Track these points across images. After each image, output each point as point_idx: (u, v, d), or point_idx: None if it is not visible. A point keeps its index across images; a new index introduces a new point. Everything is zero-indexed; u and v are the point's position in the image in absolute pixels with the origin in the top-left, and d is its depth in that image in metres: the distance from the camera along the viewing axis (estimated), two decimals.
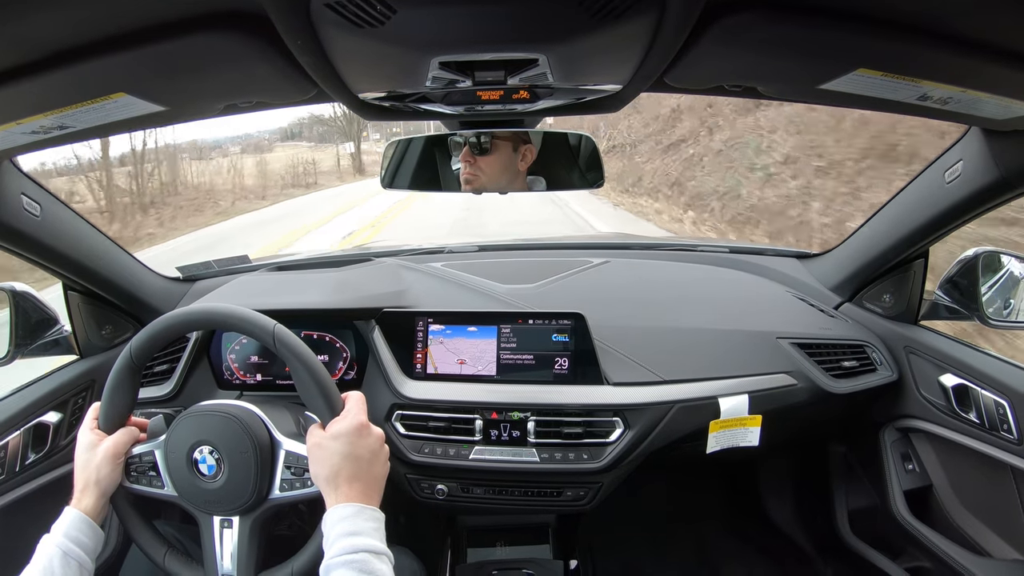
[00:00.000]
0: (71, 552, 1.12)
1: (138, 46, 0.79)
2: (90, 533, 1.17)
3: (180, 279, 2.20)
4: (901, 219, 1.73)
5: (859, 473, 2.15)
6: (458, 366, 1.79)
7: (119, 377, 1.26)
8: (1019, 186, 1.37)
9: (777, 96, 1.21)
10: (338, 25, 0.75)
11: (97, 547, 1.19)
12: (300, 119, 56.14)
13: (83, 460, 1.23)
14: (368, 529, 1.08)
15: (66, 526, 1.15)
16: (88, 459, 1.22)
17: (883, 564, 1.99)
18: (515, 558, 2.09)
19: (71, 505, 1.19)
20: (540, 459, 1.69)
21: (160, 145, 23.10)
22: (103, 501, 1.22)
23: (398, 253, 2.35)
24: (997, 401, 1.57)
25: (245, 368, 1.89)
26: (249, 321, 1.25)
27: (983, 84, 0.97)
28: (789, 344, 1.83)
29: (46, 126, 1.03)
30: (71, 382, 1.78)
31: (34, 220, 1.50)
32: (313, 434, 1.18)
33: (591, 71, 0.99)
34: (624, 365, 1.76)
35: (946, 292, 1.76)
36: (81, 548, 1.14)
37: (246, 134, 54.97)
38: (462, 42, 0.84)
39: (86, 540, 1.16)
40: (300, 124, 56.98)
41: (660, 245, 2.53)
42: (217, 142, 52.64)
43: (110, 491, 1.24)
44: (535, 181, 1.58)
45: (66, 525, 1.15)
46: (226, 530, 1.26)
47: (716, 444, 1.74)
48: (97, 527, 1.19)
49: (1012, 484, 1.60)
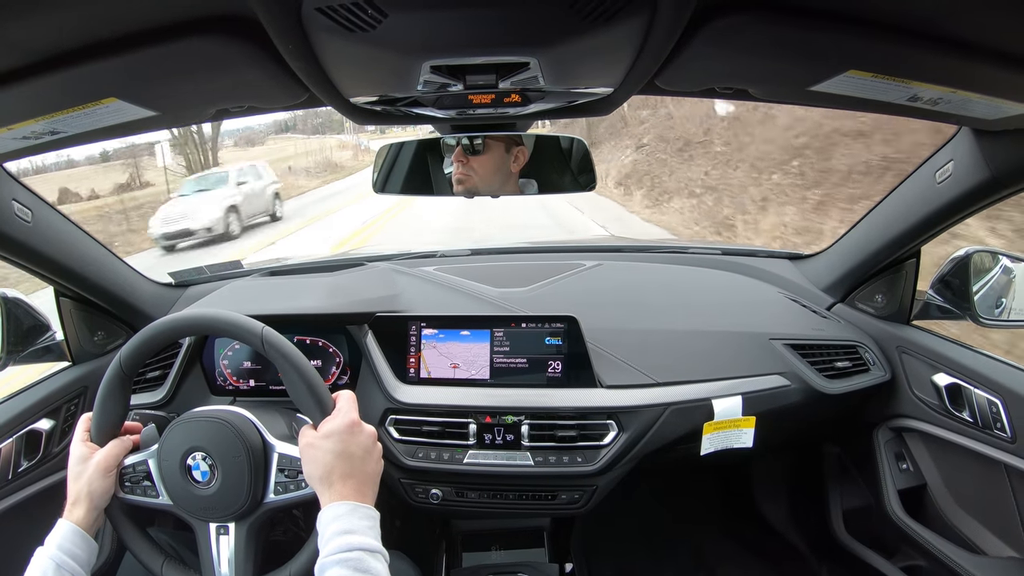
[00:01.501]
0: (65, 564, 1.12)
1: (129, 51, 0.79)
2: (83, 545, 1.17)
3: (172, 285, 2.19)
4: (892, 220, 1.74)
5: (853, 473, 2.15)
6: (451, 370, 1.79)
7: (109, 388, 1.26)
8: (1010, 186, 1.37)
9: (768, 98, 1.22)
10: (329, 30, 0.75)
11: (91, 559, 1.18)
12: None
13: (75, 472, 1.23)
14: (363, 527, 1.07)
15: (59, 538, 1.15)
16: (80, 471, 1.22)
17: (878, 563, 2.00)
18: (510, 562, 2.09)
19: (64, 517, 1.19)
20: (534, 463, 1.68)
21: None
22: (96, 513, 1.22)
23: (391, 257, 2.35)
24: (990, 400, 1.57)
25: (238, 374, 1.89)
26: (236, 325, 1.25)
27: (973, 85, 0.97)
28: (782, 345, 1.83)
29: (37, 131, 1.03)
30: (63, 389, 1.77)
31: (25, 226, 1.49)
32: (305, 434, 1.18)
33: (582, 74, 0.99)
34: (617, 368, 1.76)
35: (938, 292, 1.76)
36: (75, 560, 1.14)
37: (246, 127, 55.12)
38: (453, 46, 0.84)
39: (79, 552, 1.15)
40: (294, 116, 56.96)
41: (652, 247, 2.53)
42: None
43: (103, 503, 1.24)
44: (527, 184, 1.59)
45: (59, 538, 1.15)
46: (222, 537, 1.26)
47: (710, 446, 1.74)
48: (90, 539, 1.19)
49: (1006, 482, 1.60)
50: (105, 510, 1.25)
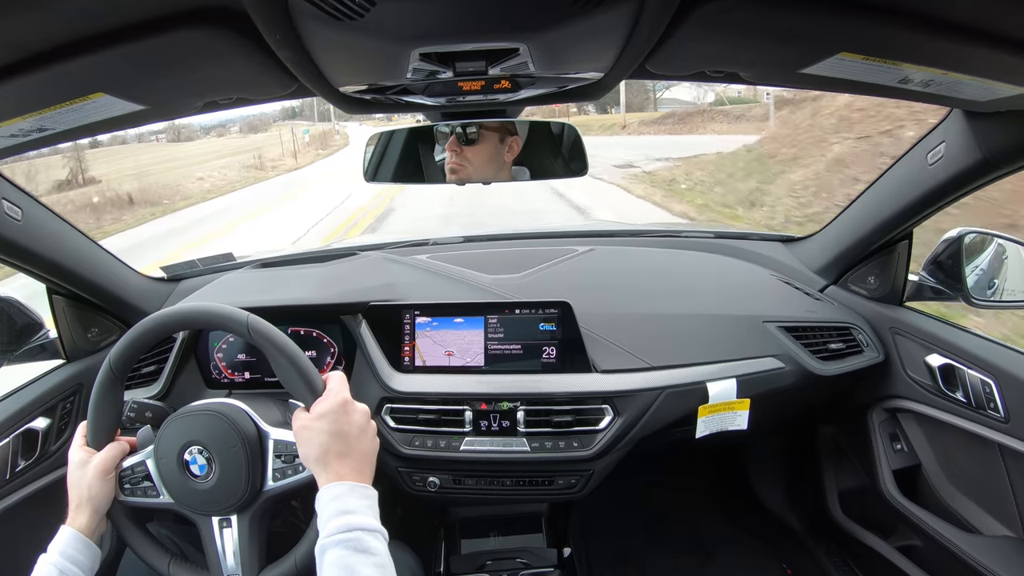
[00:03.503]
0: (67, 571, 1.12)
1: (116, 45, 0.78)
2: (85, 551, 1.17)
3: (165, 279, 2.18)
4: (884, 201, 1.74)
5: (848, 454, 2.16)
6: (446, 358, 1.79)
7: (101, 391, 1.25)
8: (1001, 167, 1.38)
9: (759, 81, 1.21)
10: (317, 19, 0.74)
11: (94, 565, 1.18)
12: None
13: (75, 478, 1.22)
14: (361, 507, 1.07)
15: (62, 545, 1.15)
16: (80, 477, 1.22)
17: (874, 543, 2.01)
18: (509, 548, 2.10)
19: (66, 523, 1.19)
20: (531, 448, 1.69)
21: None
22: (97, 518, 1.22)
23: (383, 246, 2.34)
24: (983, 380, 1.58)
25: (233, 367, 1.89)
26: (222, 315, 1.24)
27: (965, 67, 0.97)
28: (776, 328, 1.84)
29: (25, 129, 1.02)
30: (58, 387, 1.76)
31: (15, 224, 1.48)
32: (298, 417, 1.18)
33: (572, 59, 0.99)
34: (612, 352, 1.77)
35: (930, 273, 1.77)
36: (77, 566, 1.14)
37: (260, 112, 54.88)
38: (442, 33, 0.83)
39: (82, 558, 1.15)
40: (301, 102, 56.91)
41: (645, 232, 2.52)
42: (221, 123, 52.45)
43: (104, 507, 1.23)
44: (519, 171, 1.58)
45: (62, 544, 1.15)
46: (226, 530, 1.26)
47: (705, 428, 1.75)
48: (93, 544, 1.19)
49: (1000, 461, 1.61)
50: (107, 514, 1.25)
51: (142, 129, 19.06)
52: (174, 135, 61.46)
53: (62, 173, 27.42)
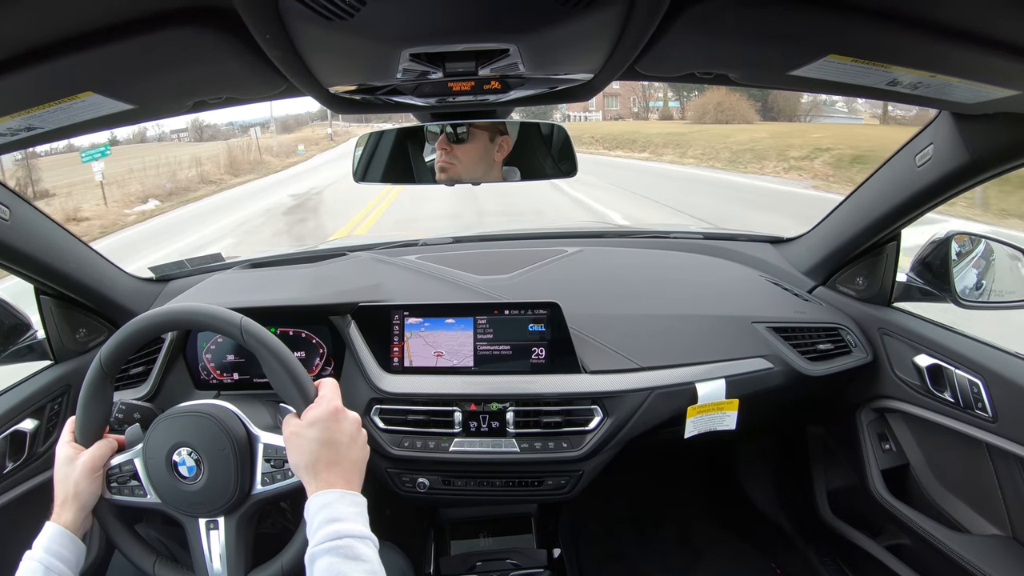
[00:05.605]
0: (53, 567, 1.11)
1: (105, 44, 0.78)
2: (71, 547, 1.16)
3: (153, 279, 2.17)
4: (873, 203, 1.75)
5: (837, 454, 2.17)
6: (435, 359, 1.79)
7: (91, 389, 1.24)
8: (989, 169, 1.38)
9: (748, 83, 1.21)
10: (307, 18, 0.74)
11: (79, 561, 1.18)
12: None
13: (62, 475, 1.21)
14: (350, 514, 1.07)
15: (47, 541, 1.14)
16: (67, 473, 1.21)
17: (863, 542, 2.02)
18: (499, 548, 2.10)
19: (52, 520, 1.18)
20: (520, 449, 1.69)
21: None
22: (83, 515, 1.21)
23: (373, 247, 2.34)
24: (971, 380, 1.59)
25: (222, 368, 1.88)
26: (214, 317, 1.24)
27: (953, 69, 0.98)
28: (764, 328, 1.84)
29: (13, 128, 1.02)
30: (46, 388, 1.75)
31: (3, 224, 1.47)
32: (289, 424, 1.18)
33: (562, 60, 0.99)
34: (601, 353, 1.77)
35: (918, 274, 1.78)
36: (63, 563, 1.13)
37: (285, 115, 54.83)
38: (432, 33, 0.83)
39: (68, 554, 1.15)
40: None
41: (633, 233, 2.53)
42: (247, 123, 52.27)
43: (90, 504, 1.23)
44: (510, 172, 1.58)
45: (47, 540, 1.14)
46: (212, 532, 1.25)
47: (694, 429, 1.75)
48: (78, 541, 1.18)
49: (987, 461, 1.62)
50: (93, 511, 1.24)
51: (164, 128, 18.70)
52: (197, 134, 61.12)
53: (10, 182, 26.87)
